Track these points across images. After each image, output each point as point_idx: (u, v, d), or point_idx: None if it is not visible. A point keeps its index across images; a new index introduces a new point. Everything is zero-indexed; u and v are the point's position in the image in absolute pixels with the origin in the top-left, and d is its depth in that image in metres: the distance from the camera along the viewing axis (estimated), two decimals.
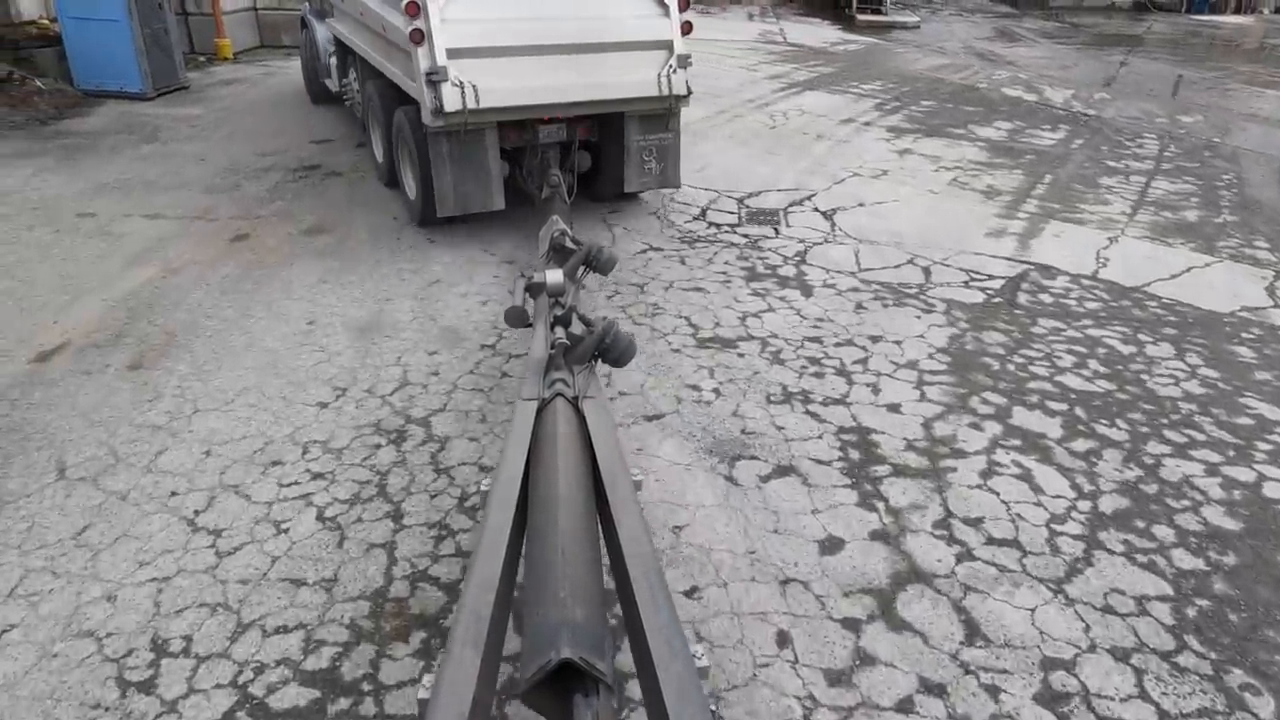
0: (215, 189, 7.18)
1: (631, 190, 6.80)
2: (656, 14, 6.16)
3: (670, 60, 6.22)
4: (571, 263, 4.10)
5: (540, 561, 2.03)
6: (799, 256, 6.22)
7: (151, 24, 10.04)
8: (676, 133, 6.64)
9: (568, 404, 2.81)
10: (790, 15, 21.07)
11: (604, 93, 6.04)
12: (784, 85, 12.29)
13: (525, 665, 1.73)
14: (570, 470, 2.39)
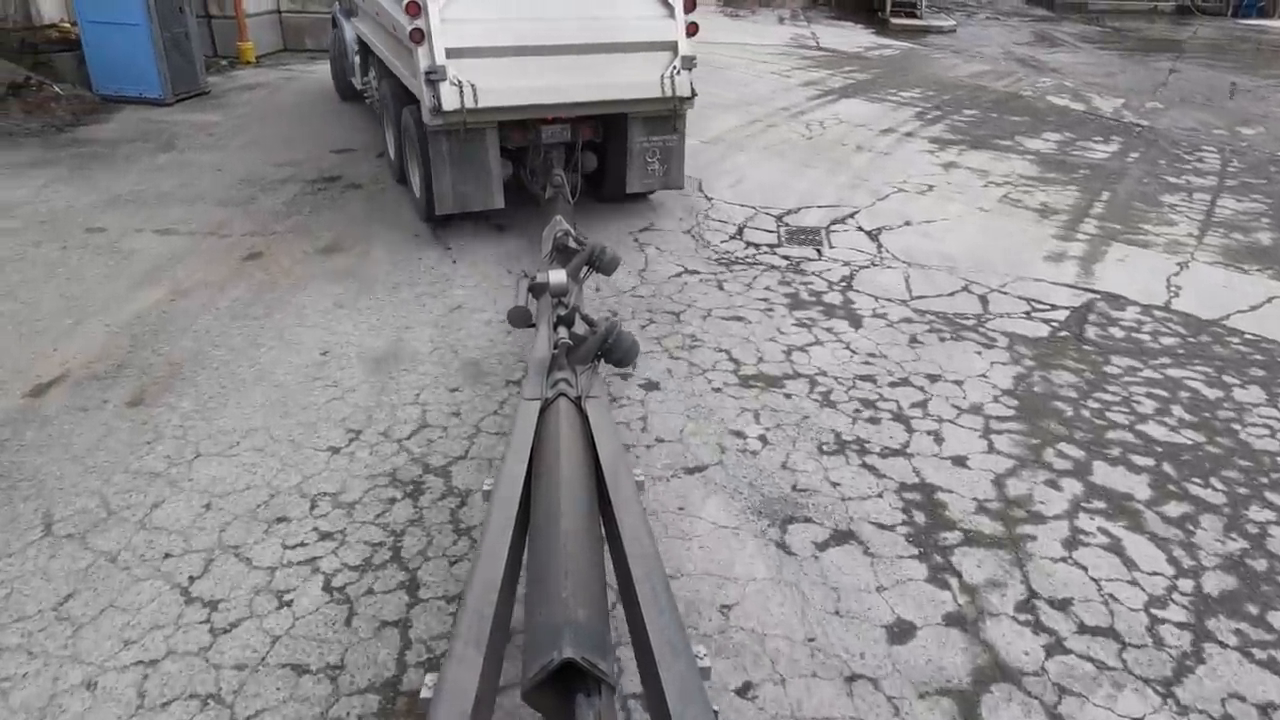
0: (230, 202, 6.89)
1: (633, 191, 6.71)
2: (661, 15, 6.08)
3: (674, 62, 6.12)
4: (574, 263, 4.06)
5: (543, 561, 2.03)
6: (845, 282, 5.81)
7: (172, 28, 9.80)
8: (681, 135, 6.58)
9: (570, 404, 2.80)
10: (821, 18, 20.59)
11: (606, 94, 5.99)
12: (819, 92, 11.86)
13: (527, 665, 1.72)
14: (573, 470, 2.39)
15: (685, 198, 7.38)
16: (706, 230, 6.67)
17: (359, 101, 9.54)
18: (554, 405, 2.79)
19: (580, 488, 2.34)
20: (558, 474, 2.36)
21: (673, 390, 4.42)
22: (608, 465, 2.48)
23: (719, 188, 7.66)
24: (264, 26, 13.56)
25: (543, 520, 2.20)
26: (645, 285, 5.66)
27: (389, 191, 7.25)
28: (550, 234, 4.72)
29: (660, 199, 7.30)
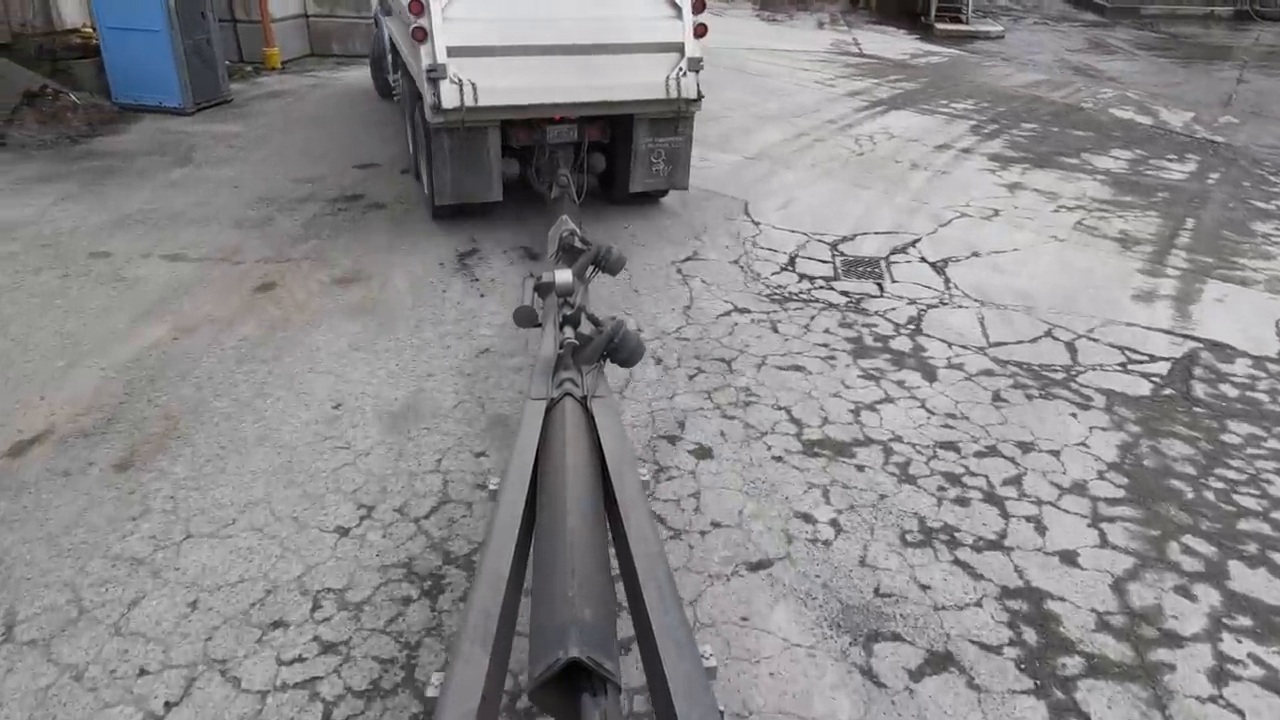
0: (245, 223, 6.46)
1: (636, 191, 6.63)
2: (668, 16, 6.01)
3: (680, 63, 6.06)
4: (580, 262, 4.04)
5: (549, 561, 2.02)
6: (913, 324, 5.23)
7: (193, 34, 9.44)
8: (688, 137, 6.49)
9: (576, 404, 2.79)
10: (862, 23, 19.93)
11: (609, 94, 5.95)
12: (866, 103, 11.24)
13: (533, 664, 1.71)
14: (579, 470, 2.38)
15: (731, 220, 6.84)
16: (755, 260, 6.11)
17: (383, 123, 9.16)
18: (560, 405, 2.78)
19: (586, 487, 2.33)
20: (564, 473, 2.35)
21: (728, 458, 3.88)
22: (613, 464, 2.47)
23: (766, 211, 7.10)
24: (290, 31, 13.21)
25: (548, 520, 2.19)
26: (691, 325, 5.12)
27: (413, 213, 6.77)
28: (556, 233, 4.70)
29: (704, 222, 6.76)
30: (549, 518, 2.20)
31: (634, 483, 2.42)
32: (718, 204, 7.22)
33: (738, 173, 8.10)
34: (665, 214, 6.94)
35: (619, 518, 2.26)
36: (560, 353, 3.15)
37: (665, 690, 1.71)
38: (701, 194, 7.44)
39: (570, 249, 4.37)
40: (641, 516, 2.26)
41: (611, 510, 2.34)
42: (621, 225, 6.67)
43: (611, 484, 2.39)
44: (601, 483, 2.43)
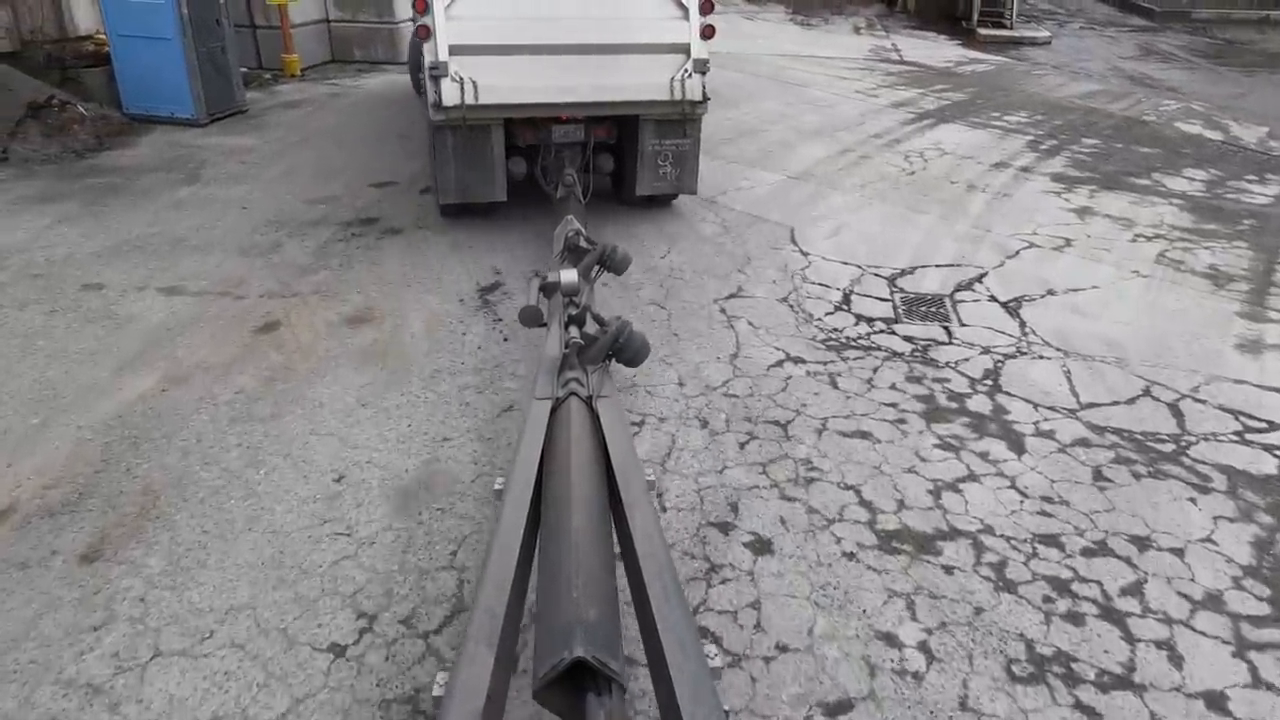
0: (251, 250, 5.98)
1: (644, 193, 6.54)
2: (674, 16, 5.93)
3: (686, 64, 5.98)
4: (586, 262, 3.99)
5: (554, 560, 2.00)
6: (990, 379, 4.63)
7: (207, 42, 9.01)
8: (696, 139, 6.41)
9: (582, 403, 2.78)
10: (900, 28, 19.23)
11: (612, 95, 5.93)
12: (912, 115, 10.60)
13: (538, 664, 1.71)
14: (584, 469, 2.37)
15: (777, 250, 6.26)
16: (806, 298, 5.53)
17: (406, 137, 8.69)
18: (565, 405, 2.76)
19: (591, 487, 2.32)
20: (569, 473, 2.34)
21: (790, 554, 3.31)
22: (619, 464, 2.46)
23: (815, 239, 6.52)
24: (311, 37, 12.80)
25: (554, 519, 2.18)
26: (740, 378, 4.55)
27: (431, 240, 6.26)
28: (562, 233, 4.64)
29: (747, 252, 6.18)
30: (554, 517, 2.20)
31: (639, 482, 2.41)
32: (762, 231, 6.64)
33: (781, 194, 7.52)
34: (706, 242, 6.38)
35: (624, 517, 2.25)
36: (565, 352, 3.11)
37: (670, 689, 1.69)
38: (744, 219, 6.87)
39: (575, 249, 4.33)
40: (646, 516, 2.25)
41: (616, 510, 2.32)
42: (659, 255, 6.11)
43: (617, 483, 2.38)
44: (606, 482, 2.42)
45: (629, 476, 2.42)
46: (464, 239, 6.30)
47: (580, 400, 2.82)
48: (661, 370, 4.58)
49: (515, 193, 6.46)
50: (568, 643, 1.68)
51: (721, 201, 7.28)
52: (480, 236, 6.34)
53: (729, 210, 7.07)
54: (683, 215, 6.90)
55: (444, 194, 6.14)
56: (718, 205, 7.18)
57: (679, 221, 6.77)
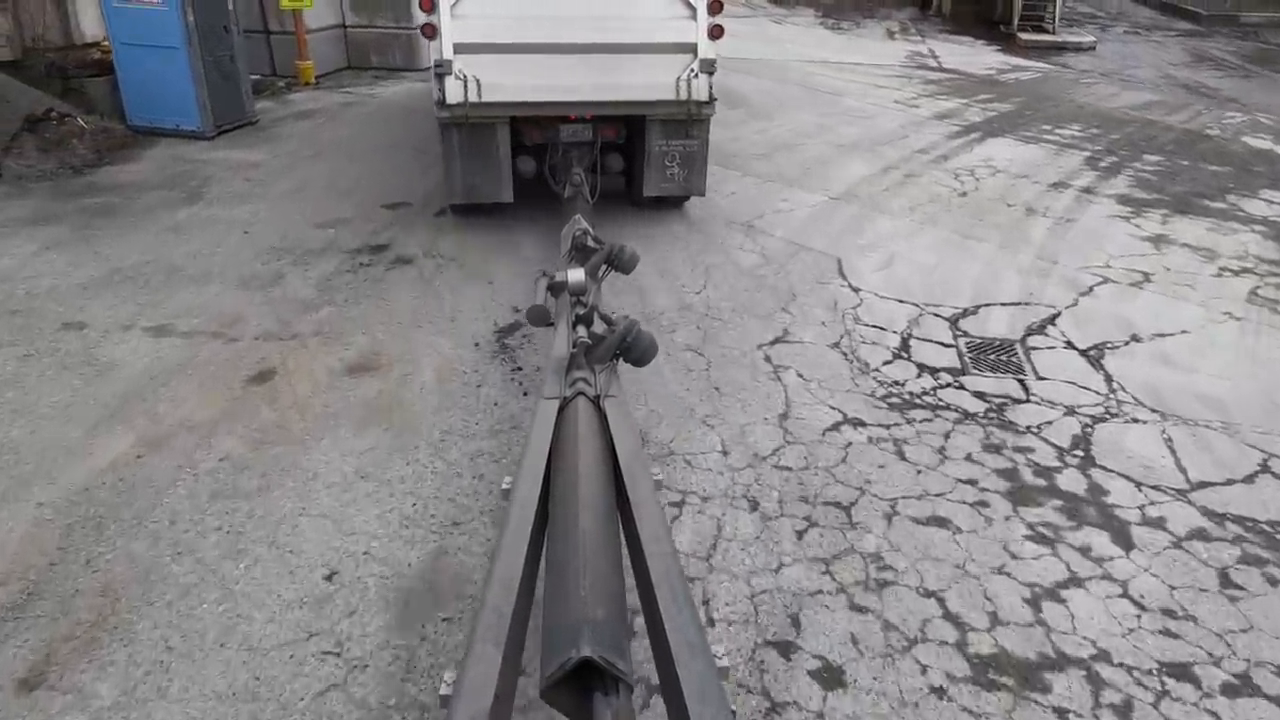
0: (251, 282, 5.48)
1: (651, 194, 6.45)
2: (681, 16, 5.84)
3: (692, 64, 5.93)
4: (593, 262, 4.00)
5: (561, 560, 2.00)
6: (1080, 448, 4.03)
7: (215, 50, 8.56)
8: (704, 140, 6.31)
9: (589, 403, 2.77)
10: (935, 32, 18.54)
11: (617, 94, 5.89)
12: (958, 128, 9.97)
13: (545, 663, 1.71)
14: (591, 469, 2.36)
15: (824, 285, 5.68)
16: (860, 343, 4.95)
17: (421, 152, 8.22)
18: (573, 404, 2.76)
19: (599, 486, 2.31)
20: (576, 473, 2.33)
21: (867, 689, 2.74)
22: (626, 464, 2.45)
23: (864, 271, 5.93)
24: (327, 42, 12.36)
25: (561, 519, 2.17)
26: (792, 445, 3.99)
27: (445, 270, 5.74)
28: (569, 233, 4.66)
29: (791, 286, 5.61)
30: (562, 517, 2.20)
31: (647, 482, 2.42)
32: (806, 261, 6.06)
33: (824, 218, 6.93)
34: (745, 275, 5.81)
35: (632, 517, 2.25)
36: (573, 352, 3.11)
37: (678, 690, 1.69)
38: (786, 247, 6.30)
39: (583, 248, 4.31)
40: (654, 516, 2.24)
41: (624, 509, 2.32)
42: (694, 290, 5.55)
43: (624, 483, 2.37)
44: (614, 482, 2.41)
45: (636, 476, 2.41)
46: (480, 268, 5.78)
47: (588, 400, 2.80)
48: (702, 434, 4.03)
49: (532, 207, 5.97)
50: (575, 642, 1.67)
51: (759, 226, 6.71)
52: (498, 266, 5.81)
53: (768, 237, 6.50)
54: (719, 244, 6.34)
55: (451, 194, 6.25)
56: (756, 231, 6.62)
57: (715, 250, 6.21)
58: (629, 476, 2.40)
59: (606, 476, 2.40)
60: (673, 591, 1.93)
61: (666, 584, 1.96)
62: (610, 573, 1.98)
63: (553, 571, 2.02)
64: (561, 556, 2.02)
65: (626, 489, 2.35)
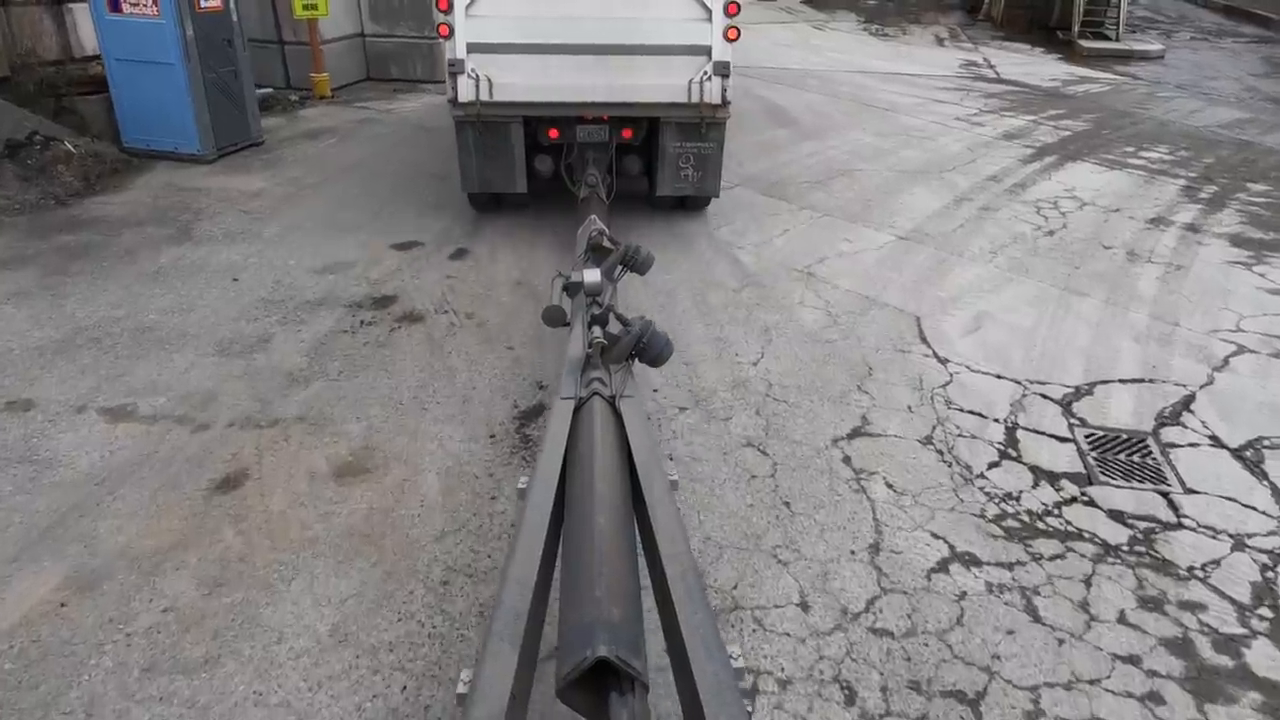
0: (231, 347, 4.71)
1: (664, 194, 6.45)
2: (696, 18, 5.76)
3: (705, 67, 5.85)
4: (609, 262, 3.97)
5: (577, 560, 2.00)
6: (1265, 601, 3.11)
7: (216, 67, 7.85)
8: (719, 143, 6.23)
9: (605, 403, 2.76)
10: (987, 38, 17.48)
11: (628, 96, 5.89)
12: (1030, 150, 9.00)
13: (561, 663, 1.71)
14: (607, 469, 2.37)
15: (904, 355, 4.80)
16: (957, 435, 4.06)
17: (436, 179, 7.46)
18: (588, 404, 2.74)
19: (614, 486, 2.30)
20: (592, 473, 2.32)
21: None
22: (641, 464, 2.45)
23: (950, 334, 5.03)
24: (345, 53, 11.66)
25: (577, 519, 2.17)
26: (889, 595, 3.11)
27: (460, 332, 4.93)
28: (585, 233, 4.66)
29: (865, 355, 4.73)
30: (577, 517, 2.18)
31: (662, 482, 2.39)
32: (880, 321, 5.17)
33: (894, 263, 6.03)
34: (809, 338, 4.94)
35: (647, 517, 2.22)
36: (589, 352, 3.08)
37: (693, 690, 1.68)
38: (854, 301, 5.41)
39: (599, 249, 4.32)
40: (669, 516, 2.23)
41: (639, 509, 2.30)
42: (750, 360, 4.69)
43: (639, 483, 2.36)
44: (629, 482, 2.39)
45: (652, 476, 2.40)
46: (501, 329, 4.96)
47: (603, 400, 2.79)
48: (774, 576, 3.17)
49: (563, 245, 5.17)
50: (591, 642, 1.66)
51: (821, 274, 5.83)
52: (522, 325, 4.99)
53: (832, 288, 5.62)
54: (777, 296, 5.47)
55: (466, 183, 6.30)
56: (817, 280, 5.74)
57: (772, 305, 5.34)
58: (644, 476, 2.39)
59: (622, 476, 2.39)
60: (688, 591, 1.93)
61: (682, 583, 1.95)
62: (626, 573, 1.97)
63: (568, 571, 2.02)
64: (577, 556, 2.01)
65: (642, 489, 2.34)
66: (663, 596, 2.00)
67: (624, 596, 1.85)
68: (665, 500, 2.30)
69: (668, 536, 2.13)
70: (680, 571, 1.99)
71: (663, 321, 5.04)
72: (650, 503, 2.27)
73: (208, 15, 7.65)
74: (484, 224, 6.62)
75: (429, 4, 11.71)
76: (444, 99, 11.03)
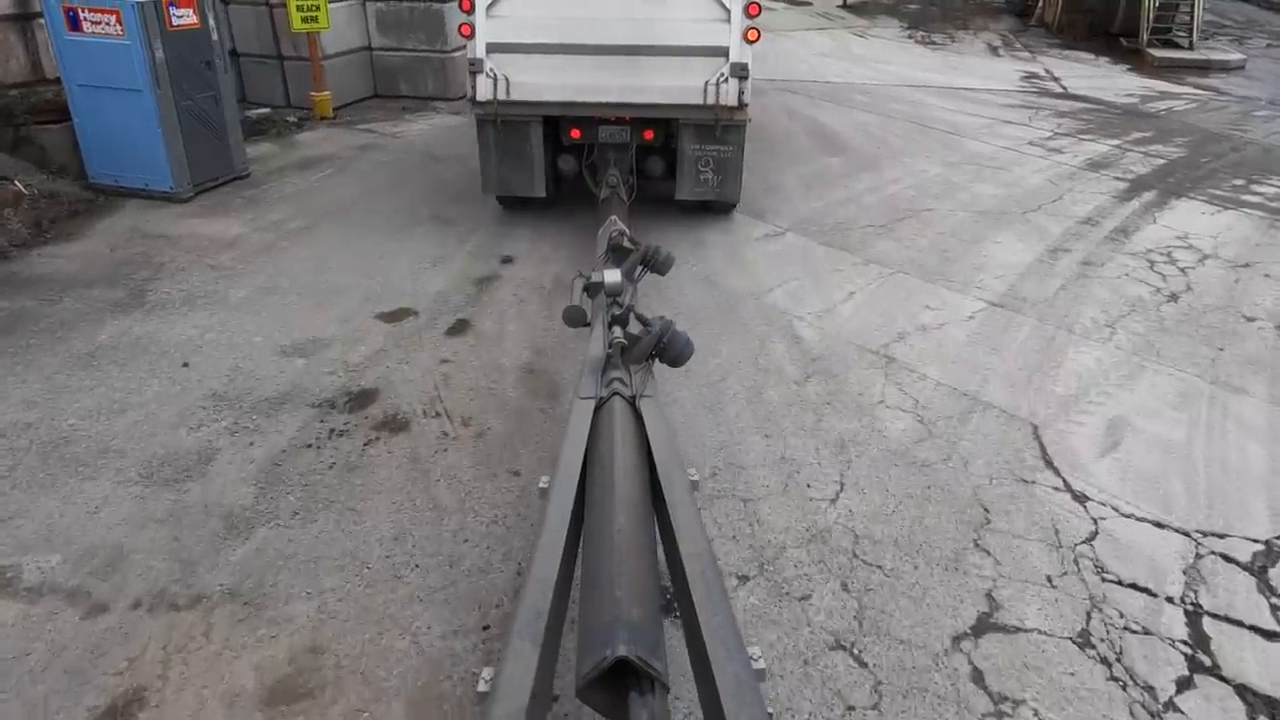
0: (161, 470, 3.69)
1: (683, 198, 6.40)
2: (715, 19, 5.68)
3: (722, 69, 5.76)
4: (629, 262, 4.02)
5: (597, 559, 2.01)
6: None
7: (193, 92, 6.88)
8: (738, 146, 6.16)
9: (625, 403, 2.78)
10: (1045, 47, 16.20)
11: (644, 96, 5.86)
12: (1123, 183, 7.82)
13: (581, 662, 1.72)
14: (627, 469, 2.37)
15: (1028, 487, 3.67)
16: (1121, 630, 2.94)
17: (435, 223, 6.47)
18: (608, 404, 2.75)
19: (634, 486, 2.30)
20: (612, 473, 2.31)
21: None
22: (661, 464, 2.45)
23: (1083, 455, 3.90)
24: (349, 69, 10.70)
25: (597, 518, 2.18)
26: None
27: (453, 448, 3.88)
28: (605, 234, 4.65)
29: (975, 486, 3.62)
30: (597, 516, 2.18)
31: (682, 482, 2.40)
32: (987, 430, 4.05)
33: (991, 343, 4.90)
34: (899, 459, 3.83)
35: (667, 517, 2.23)
36: (609, 352, 3.07)
37: (714, 691, 1.68)
38: (950, 399, 4.30)
39: (619, 249, 4.29)
40: (689, 516, 2.22)
41: (659, 509, 2.31)
42: (826, 497, 3.60)
43: (660, 483, 2.36)
44: (650, 482, 2.40)
45: (672, 476, 2.39)
46: (505, 442, 3.91)
47: (623, 400, 2.76)
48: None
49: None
50: (611, 642, 1.66)
51: (902, 357, 4.72)
52: (532, 435, 3.94)
53: (918, 379, 4.51)
54: (852, 395, 4.36)
55: (486, 184, 6.42)
56: (898, 366, 4.63)
57: (847, 407, 4.23)
58: (665, 476, 2.37)
59: (642, 476, 2.37)
60: (708, 591, 1.91)
61: (702, 584, 1.94)
62: (646, 573, 1.96)
63: (589, 571, 1.99)
64: (597, 556, 1.99)
65: (662, 489, 2.32)
66: (683, 597, 1.99)
67: (644, 596, 1.85)
68: (685, 500, 2.30)
69: (688, 536, 2.12)
70: (701, 571, 1.99)
71: (712, 430, 3.98)
72: (670, 502, 2.27)
73: (182, 34, 6.69)
74: (491, 285, 5.58)
75: (441, 16, 10.75)
76: (456, 120, 10.15)
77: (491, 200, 6.96)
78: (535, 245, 6.25)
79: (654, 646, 1.71)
